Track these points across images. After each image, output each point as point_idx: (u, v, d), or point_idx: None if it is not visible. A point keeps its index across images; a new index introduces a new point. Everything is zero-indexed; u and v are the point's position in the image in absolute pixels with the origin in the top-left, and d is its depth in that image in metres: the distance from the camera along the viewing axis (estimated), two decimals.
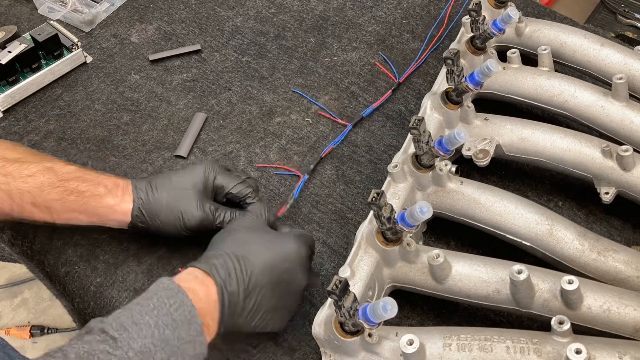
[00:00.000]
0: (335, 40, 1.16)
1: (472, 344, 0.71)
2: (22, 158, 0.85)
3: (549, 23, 1.02)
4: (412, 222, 0.75)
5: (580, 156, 0.87)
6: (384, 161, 1.00)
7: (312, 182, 0.99)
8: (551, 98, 0.94)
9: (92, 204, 0.83)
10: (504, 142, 0.91)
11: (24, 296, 1.93)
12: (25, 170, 0.83)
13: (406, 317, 0.85)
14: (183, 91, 1.11)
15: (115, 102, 1.10)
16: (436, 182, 0.86)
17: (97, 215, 0.84)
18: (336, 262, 0.91)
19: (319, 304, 0.83)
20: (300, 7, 1.22)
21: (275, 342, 0.83)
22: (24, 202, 0.83)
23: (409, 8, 1.20)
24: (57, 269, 0.93)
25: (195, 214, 0.84)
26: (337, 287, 0.67)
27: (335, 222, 0.95)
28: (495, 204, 0.83)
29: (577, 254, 0.80)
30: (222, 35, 1.18)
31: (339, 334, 0.73)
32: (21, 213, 0.84)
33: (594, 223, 0.92)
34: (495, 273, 0.77)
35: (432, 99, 0.93)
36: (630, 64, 0.94)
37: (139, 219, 0.84)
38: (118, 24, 1.21)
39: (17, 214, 0.84)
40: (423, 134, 0.82)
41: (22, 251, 0.97)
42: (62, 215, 0.84)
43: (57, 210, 0.84)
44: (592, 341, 0.68)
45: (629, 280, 0.77)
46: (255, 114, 1.07)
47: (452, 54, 0.86)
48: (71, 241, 0.94)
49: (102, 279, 0.90)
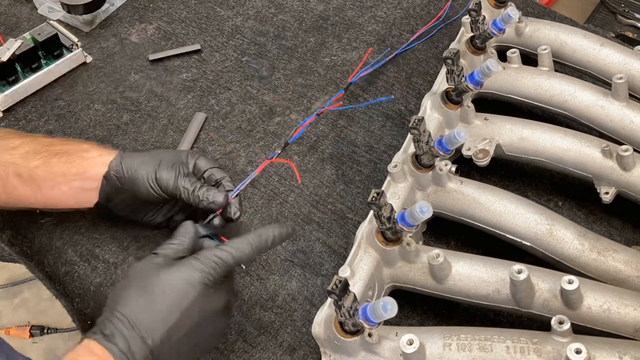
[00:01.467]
0: (335, 40, 1.16)
1: (472, 344, 0.71)
2: (6, 136, 0.86)
3: (549, 23, 1.02)
4: (412, 222, 0.75)
5: (580, 156, 0.87)
6: (384, 161, 1.00)
7: (312, 182, 0.99)
8: (551, 98, 0.94)
9: (76, 160, 0.84)
10: (504, 142, 0.91)
11: (24, 296, 1.93)
12: (10, 144, 0.84)
13: (406, 317, 0.85)
14: (183, 91, 1.11)
15: (115, 102, 1.10)
16: (436, 182, 0.86)
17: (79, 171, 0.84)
18: (336, 262, 0.91)
19: (319, 303, 0.83)
20: (300, 7, 1.22)
21: None
22: (9, 174, 0.83)
23: (409, 8, 1.20)
24: (57, 269, 0.93)
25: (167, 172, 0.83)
26: (337, 287, 0.67)
27: (335, 222, 0.95)
28: (495, 204, 0.83)
29: (577, 253, 0.80)
30: (222, 35, 1.18)
31: (338, 334, 0.73)
32: (5, 190, 0.84)
33: (594, 223, 0.92)
34: (495, 273, 0.77)
35: (432, 99, 0.93)
36: (630, 64, 0.94)
37: (115, 169, 0.83)
38: (118, 24, 1.21)
39: (1, 191, 0.84)
40: (423, 133, 0.82)
41: (22, 251, 0.97)
42: (46, 183, 0.84)
43: (40, 178, 0.83)
44: (592, 341, 0.68)
45: (629, 280, 0.77)
46: (255, 113, 1.07)
47: (452, 53, 0.86)
48: (71, 241, 0.94)
49: (102, 279, 0.90)
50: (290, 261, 0.91)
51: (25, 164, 0.83)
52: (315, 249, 0.92)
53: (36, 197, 0.85)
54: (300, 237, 0.93)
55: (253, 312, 0.87)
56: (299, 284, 0.89)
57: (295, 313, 0.87)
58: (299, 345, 0.84)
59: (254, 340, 0.84)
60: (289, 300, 0.88)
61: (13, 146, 0.84)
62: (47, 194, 0.85)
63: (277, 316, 0.86)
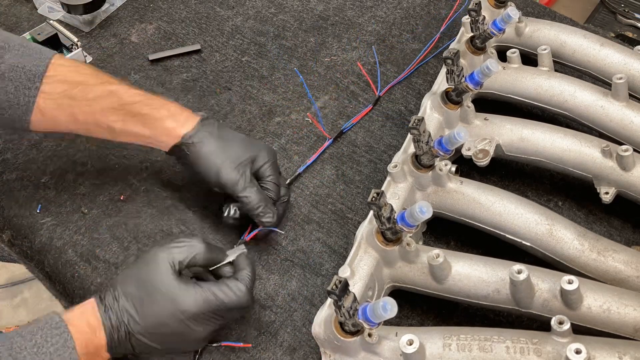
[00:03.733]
0: (335, 40, 1.16)
1: (472, 344, 0.71)
2: (86, 80, 0.88)
3: (549, 23, 1.02)
4: (412, 222, 0.75)
5: (580, 156, 0.87)
6: (384, 161, 1.00)
7: (312, 182, 0.99)
8: (551, 98, 0.94)
9: (149, 126, 0.87)
10: (504, 142, 0.91)
11: (23, 296, 1.93)
12: (90, 94, 0.86)
13: (406, 317, 0.85)
14: (183, 91, 1.11)
15: None
16: (436, 182, 0.86)
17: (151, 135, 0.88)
18: (336, 262, 0.91)
19: (319, 303, 0.84)
20: (300, 7, 1.22)
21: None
22: (88, 122, 0.87)
23: (409, 8, 1.20)
24: (57, 269, 0.93)
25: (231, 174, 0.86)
26: (337, 287, 0.67)
27: (335, 222, 0.95)
28: (495, 204, 0.83)
29: (577, 253, 0.80)
30: (222, 35, 1.18)
31: (338, 334, 0.73)
32: (86, 130, 0.89)
33: (594, 223, 0.92)
34: (495, 273, 0.77)
35: (432, 99, 0.93)
36: (630, 64, 0.94)
37: (185, 145, 0.87)
38: (118, 23, 1.21)
39: (81, 131, 0.90)
40: (423, 134, 0.82)
41: (22, 251, 0.97)
42: (122, 133, 0.88)
43: (117, 129, 0.88)
44: (592, 341, 0.68)
45: (628, 280, 0.77)
46: (255, 113, 1.07)
47: (452, 54, 0.86)
48: (71, 241, 0.94)
49: (102, 279, 0.90)
50: (290, 261, 0.91)
51: (105, 118, 0.87)
52: (315, 249, 0.92)
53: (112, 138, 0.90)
54: (300, 237, 0.93)
55: (253, 312, 0.87)
56: (299, 284, 0.89)
57: (295, 313, 0.87)
58: (299, 345, 0.84)
59: (254, 340, 0.84)
60: (288, 300, 0.88)
61: (93, 96, 0.86)
62: (123, 140, 0.90)
63: (277, 316, 0.87)
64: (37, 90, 0.85)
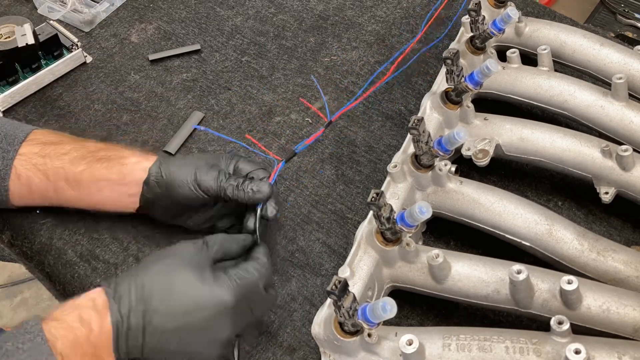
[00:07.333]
0: (335, 40, 1.16)
1: (471, 344, 0.71)
2: (61, 140, 0.90)
3: (549, 23, 1.02)
4: (411, 222, 0.75)
5: (580, 156, 0.87)
6: (383, 161, 1.00)
7: (312, 182, 0.99)
8: (551, 98, 0.94)
9: (116, 166, 0.87)
10: (504, 142, 0.91)
11: (23, 296, 1.93)
12: (61, 150, 0.88)
13: (406, 317, 0.85)
14: (183, 91, 1.11)
15: (115, 102, 1.10)
16: (436, 182, 0.86)
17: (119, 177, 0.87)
18: (336, 262, 0.91)
19: (319, 304, 0.84)
20: (300, 6, 1.22)
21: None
22: (58, 179, 0.87)
23: (409, 8, 1.20)
24: (57, 269, 0.93)
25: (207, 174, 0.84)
26: (337, 287, 0.67)
27: (334, 222, 0.95)
28: (495, 204, 0.84)
29: (577, 253, 0.80)
30: (221, 35, 1.18)
31: (338, 334, 0.73)
32: (56, 192, 0.88)
33: (594, 223, 0.92)
34: (494, 273, 0.77)
35: (432, 99, 0.93)
36: (630, 63, 0.94)
37: (154, 174, 0.85)
38: (118, 23, 1.21)
39: (53, 193, 0.89)
40: (422, 134, 0.82)
41: (22, 252, 0.97)
42: (90, 188, 0.87)
43: (85, 181, 0.87)
44: (592, 341, 0.68)
45: (628, 280, 0.77)
46: (255, 113, 1.07)
47: (452, 53, 0.86)
48: (71, 241, 0.94)
49: (102, 280, 0.90)
50: (290, 261, 0.91)
51: (73, 169, 0.87)
52: (315, 249, 0.92)
53: (82, 200, 0.89)
54: (300, 237, 0.93)
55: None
56: (299, 284, 0.89)
57: (295, 313, 0.87)
58: (299, 345, 0.84)
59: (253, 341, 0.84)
60: (288, 300, 0.88)
61: (64, 152, 0.88)
62: (92, 197, 0.88)
63: (276, 316, 0.87)
64: (15, 153, 0.87)
